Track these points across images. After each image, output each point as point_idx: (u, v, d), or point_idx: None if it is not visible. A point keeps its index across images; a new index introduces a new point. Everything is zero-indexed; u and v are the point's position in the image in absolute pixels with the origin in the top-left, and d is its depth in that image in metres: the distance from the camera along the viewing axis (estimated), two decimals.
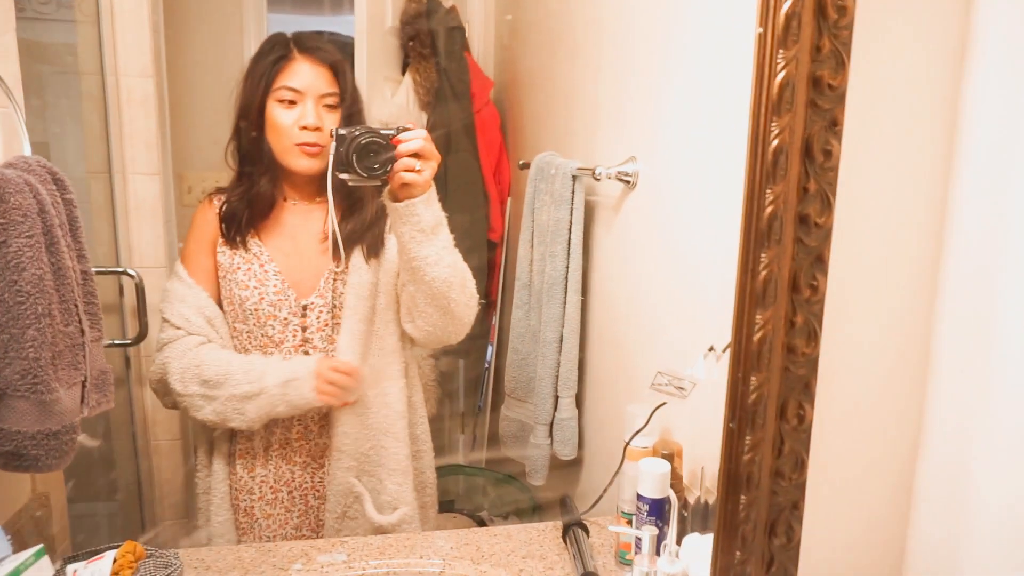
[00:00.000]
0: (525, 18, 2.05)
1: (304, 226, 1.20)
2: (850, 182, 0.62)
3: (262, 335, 1.16)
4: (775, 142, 0.56)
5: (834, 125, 0.58)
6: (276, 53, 1.14)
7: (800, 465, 0.64)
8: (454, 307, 1.12)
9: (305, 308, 1.17)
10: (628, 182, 1.22)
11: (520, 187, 1.77)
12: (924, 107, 0.69)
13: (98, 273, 1.48)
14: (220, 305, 1.18)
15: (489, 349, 2.11)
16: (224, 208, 1.18)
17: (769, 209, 0.57)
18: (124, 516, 1.61)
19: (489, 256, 2.08)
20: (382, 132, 1.00)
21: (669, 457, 0.99)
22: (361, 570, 1.02)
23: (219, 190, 1.21)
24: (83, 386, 0.84)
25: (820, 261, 0.61)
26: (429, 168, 1.03)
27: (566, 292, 1.41)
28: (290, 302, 1.16)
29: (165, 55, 1.55)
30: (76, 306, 0.83)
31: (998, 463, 0.67)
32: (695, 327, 1.01)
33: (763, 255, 0.59)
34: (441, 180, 1.16)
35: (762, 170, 0.57)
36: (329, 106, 1.15)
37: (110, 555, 0.80)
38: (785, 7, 0.53)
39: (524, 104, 2.06)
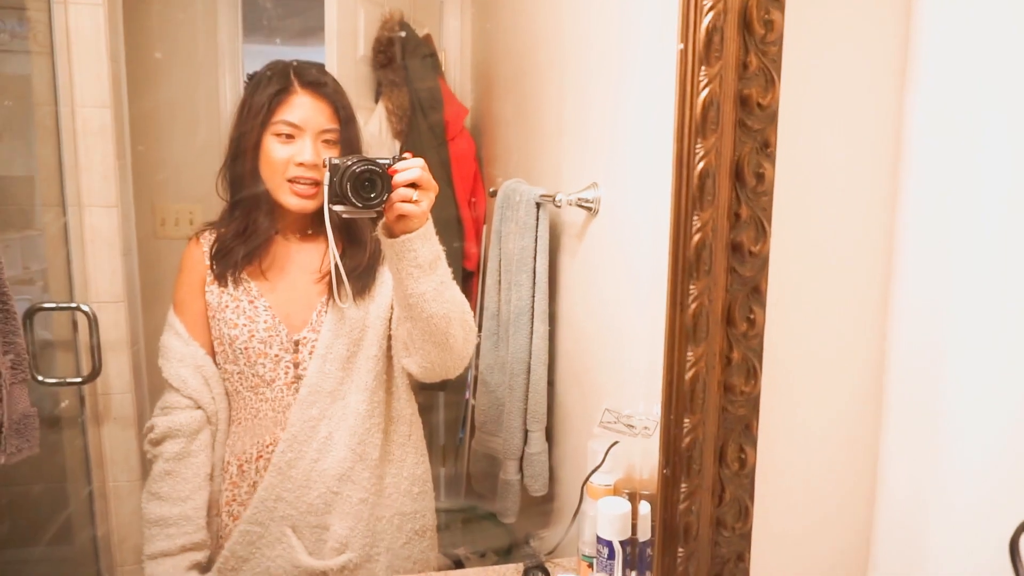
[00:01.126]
0: (497, 46, 2.05)
1: (295, 260, 1.16)
2: (787, 207, 0.59)
3: (253, 375, 1.12)
4: (701, 164, 0.52)
5: (766, 147, 0.54)
6: (277, 84, 1.11)
7: (744, 513, 0.60)
8: (453, 342, 1.07)
9: (297, 344, 1.12)
10: (590, 208, 1.19)
11: (492, 216, 1.74)
12: (865, 125, 0.66)
13: (51, 309, 1.45)
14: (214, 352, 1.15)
15: (469, 378, 2.07)
16: (216, 246, 1.14)
17: (697, 237, 0.54)
18: (80, 562, 1.54)
19: (465, 285, 2.05)
20: (378, 161, 0.96)
21: (632, 496, 0.94)
22: None
23: (207, 225, 1.17)
24: None
25: (757, 292, 0.57)
26: (427, 199, 0.98)
27: (532, 322, 1.37)
28: (281, 338, 1.12)
29: (127, 85, 1.52)
30: None
31: (958, 509, 0.63)
32: (656, 364, 0.97)
33: (692, 286, 0.55)
34: None
35: (688, 194, 0.53)
36: (328, 142, 1.11)
37: None
38: (706, 21, 0.49)
39: (497, 131, 2.04)
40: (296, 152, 1.09)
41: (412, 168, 0.97)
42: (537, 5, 1.61)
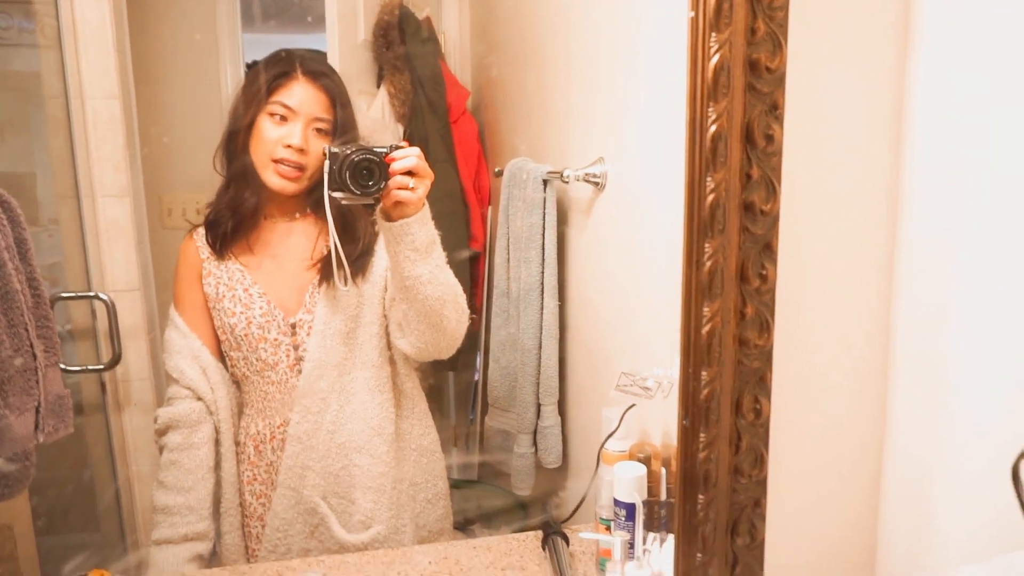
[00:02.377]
0: (498, 26, 2.05)
1: (284, 244, 1.19)
2: (796, 167, 0.61)
3: (256, 359, 1.15)
4: (713, 128, 0.54)
5: (775, 109, 0.56)
6: (280, 68, 1.14)
7: (759, 461, 0.62)
8: (447, 324, 1.10)
9: (294, 326, 1.16)
10: (597, 183, 1.21)
11: (499, 196, 1.75)
12: (869, 87, 0.68)
13: (69, 298, 1.47)
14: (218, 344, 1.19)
15: (478, 359, 2.09)
16: (210, 217, 1.17)
17: (711, 197, 0.56)
18: (106, 547, 1.58)
19: (472, 266, 2.07)
20: (375, 150, 0.99)
21: (646, 460, 0.97)
22: None
23: (207, 205, 1.20)
24: (37, 412, 0.82)
25: (768, 249, 0.59)
26: (423, 186, 1.01)
27: (543, 298, 1.39)
28: (278, 322, 1.15)
29: (133, 76, 1.54)
30: (27, 330, 0.82)
31: (963, 453, 0.65)
32: (670, 327, 0.99)
33: (707, 245, 0.57)
34: None
35: (701, 157, 0.55)
36: (319, 131, 1.14)
37: None
38: None
39: (500, 112, 2.05)
40: (286, 134, 1.12)
41: (408, 157, 1.00)
42: None
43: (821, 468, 0.74)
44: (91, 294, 1.45)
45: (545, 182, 1.35)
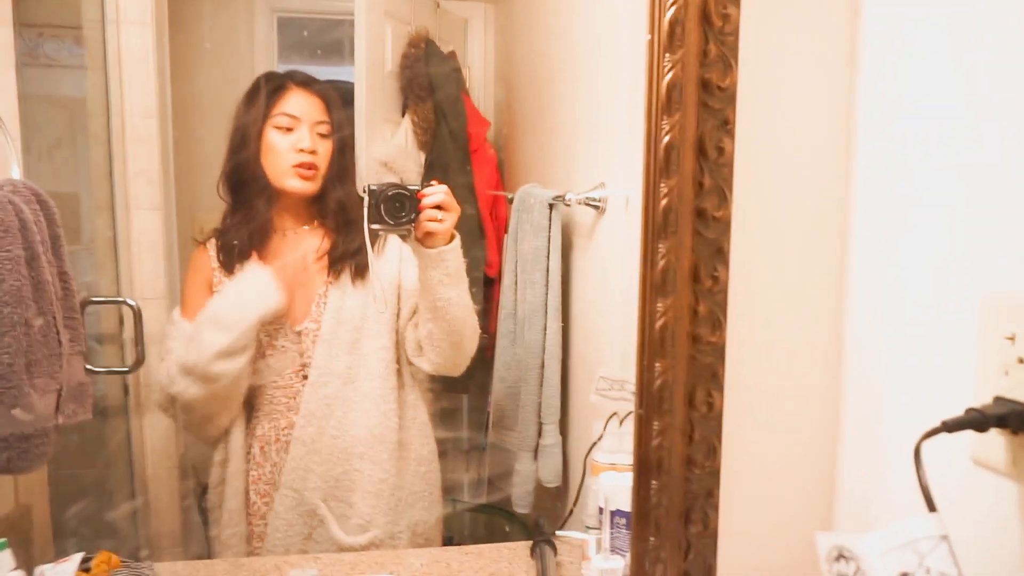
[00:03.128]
0: (517, 61, 2.14)
1: (294, 253, 1.26)
2: (747, 177, 0.65)
3: (264, 365, 1.22)
4: (666, 139, 0.60)
5: (726, 124, 0.61)
6: (273, 84, 1.24)
7: (712, 452, 0.66)
8: (466, 343, 1.22)
9: (300, 334, 1.22)
10: (597, 207, 1.26)
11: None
12: (819, 102, 0.73)
13: (100, 303, 1.56)
14: None
15: (492, 386, 2.12)
16: (221, 241, 1.24)
17: (664, 202, 0.61)
18: (121, 543, 1.63)
19: (486, 291, 2.12)
20: (409, 187, 1.12)
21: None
22: None
23: (213, 231, 1.28)
24: (58, 395, 0.89)
25: (720, 253, 0.64)
26: (450, 219, 1.14)
27: (546, 319, 1.44)
28: (285, 330, 1.22)
29: (171, 99, 1.64)
30: (55, 318, 0.88)
31: (907, 451, 0.68)
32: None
33: (660, 245, 0.61)
34: None
35: (655, 165, 0.60)
36: (321, 135, 1.24)
37: (77, 557, 0.83)
38: (669, 14, 0.57)
39: (517, 142, 2.13)
40: (296, 140, 1.21)
41: (437, 193, 1.12)
42: (553, 20, 1.69)
43: (774, 461, 0.77)
44: (120, 300, 1.53)
45: (551, 206, 1.41)
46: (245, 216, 1.24)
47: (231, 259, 1.23)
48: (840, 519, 0.78)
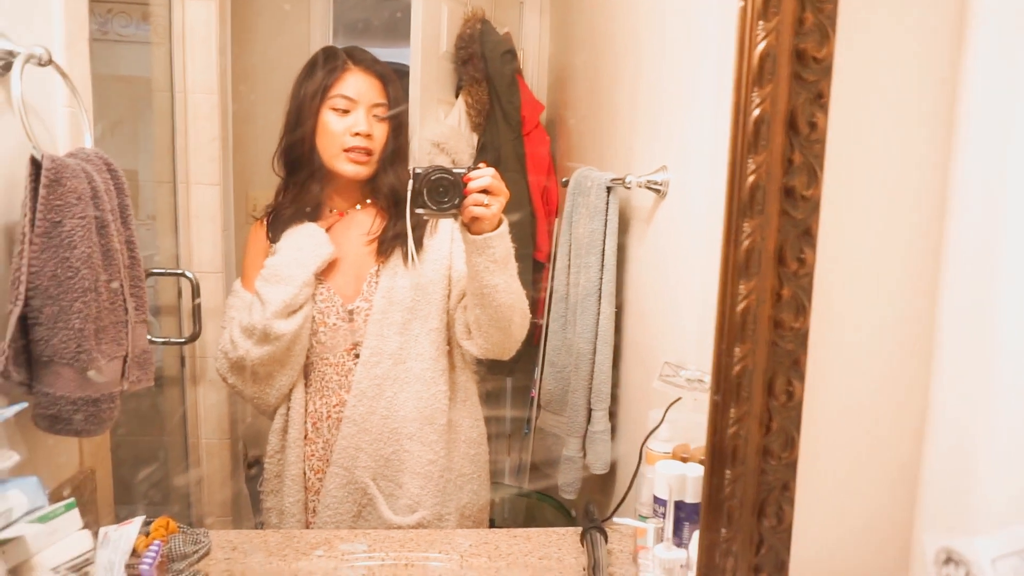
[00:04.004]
0: (574, 43, 2.10)
1: (346, 232, 1.26)
2: (840, 155, 0.62)
3: (316, 342, 1.22)
4: (756, 112, 0.57)
5: (820, 97, 0.58)
6: (331, 63, 1.22)
7: (790, 444, 0.63)
8: (514, 328, 1.19)
9: (351, 313, 1.22)
10: (659, 191, 1.23)
11: (563, 205, 1.79)
12: (921, 80, 0.68)
13: (159, 274, 1.59)
14: None
15: (536, 372, 2.12)
16: (273, 215, 1.25)
17: (751, 179, 0.58)
18: (173, 512, 1.67)
19: (535, 276, 2.11)
20: (454, 171, 1.07)
21: (687, 461, 0.98)
22: (380, 560, 1.03)
23: (267, 208, 1.28)
24: (124, 361, 0.90)
25: (808, 234, 0.60)
26: (498, 203, 1.09)
27: (599, 303, 1.41)
28: (337, 308, 1.22)
29: (232, 75, 1.66)
30: (122, 286, 0.90)
31: (1003, 447, 0.64)
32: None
33: (746, 224, 0.59)
34: None
35: (744, 140, 0.57)
36: (378, 117, 1.22)
37: (139, 520, 0.85)
38: None
39: (571, 125, 2.10)
40: (352, 123, 1.20)
41: (484, 176, 1.07)
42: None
43: (855, 455, 0.74)
44: (179, 271, 1.56)
45: (608, 189, 1.38)
46: (297, 194, 1.24)
47: (279, 231, 1.23)
48: (925, 520, 0.74)
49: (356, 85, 1.21)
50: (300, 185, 1.24)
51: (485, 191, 1.07)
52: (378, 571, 1.00)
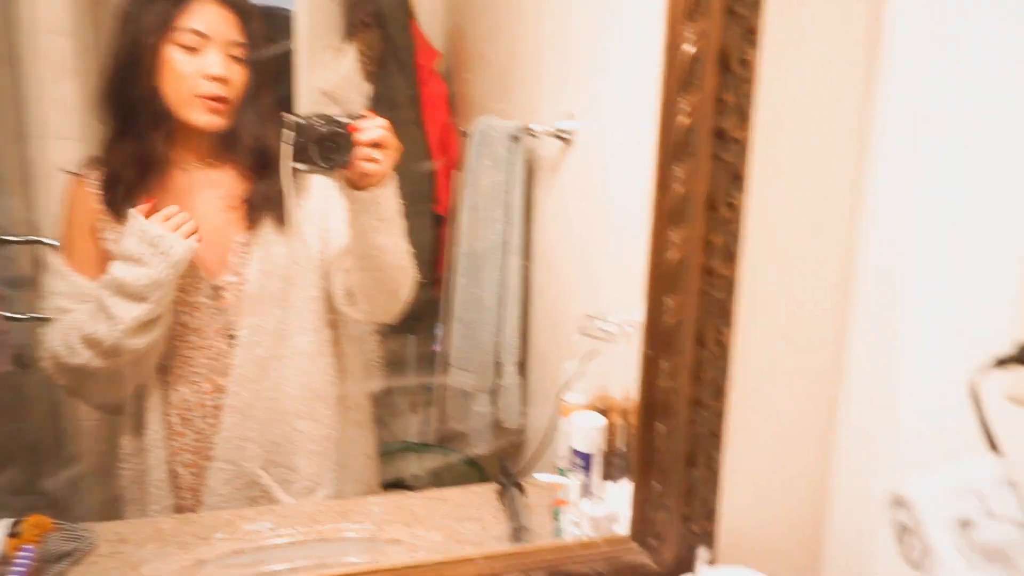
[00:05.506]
0: None
1: (201, 195, 1.09)
2: (770, 96, 0.60)
3: (178, 324, 1.07)
4: (689, 48, 0.54)
5: (751, 33, 0.56)
6: None
7: (719, 393, 0.63)
8: (401, 291, 1.11)
9: (218, 289, 1.08)
10: (566, 139, 1.20)
11: (465, 157, 1.73)
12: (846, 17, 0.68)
13: (12, 242, 1.41)
14: None
15: (439, 328, 2.07)
16: (105, 178, 1.06)
17: (684, 121, 0.55)
18: (53, 508, 1.53)
19: (435, 231, 2.05)
20: (342, 122, 0.96)
21: (605, 412, 0.98)
22: (289, 537, 0.98)
23: (90, 161, 1.08)
24: None
25: (738, 179, 0.59)
26: (389, 158, 0.99)
27: (507, 256, 1.39)
28: (201, 284, 1.07)
29: (90, 10, 1.47)
30: None
31: (923, 379, 0.67)
32: (635, 278, 0.99)
33: (677, 169, 0.56)
34: None
35: (675, 79, 0.55)
36: (235, 58, 1.05)
37: (5, 523, 0.75)
38: None
39: (470, 74, 2.02)
40: (206, 64, 1.02)
41: (374, 128, 0.97)
42: None
43: (781, 402, 0.75)
44: (34, 239, 1.39)
45: (513, 138, 1.34)
46: (134, 148, 1.05)
47: (118, 200, 1.04)
48: (844, 458, 0.77)
49: (208, 18, 1.02)
50: (138, 137, 1.05)
51: (375, 144, 0.97)
52: (291, 550, 0.95)
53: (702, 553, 0.63)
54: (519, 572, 0.70)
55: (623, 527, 0.72)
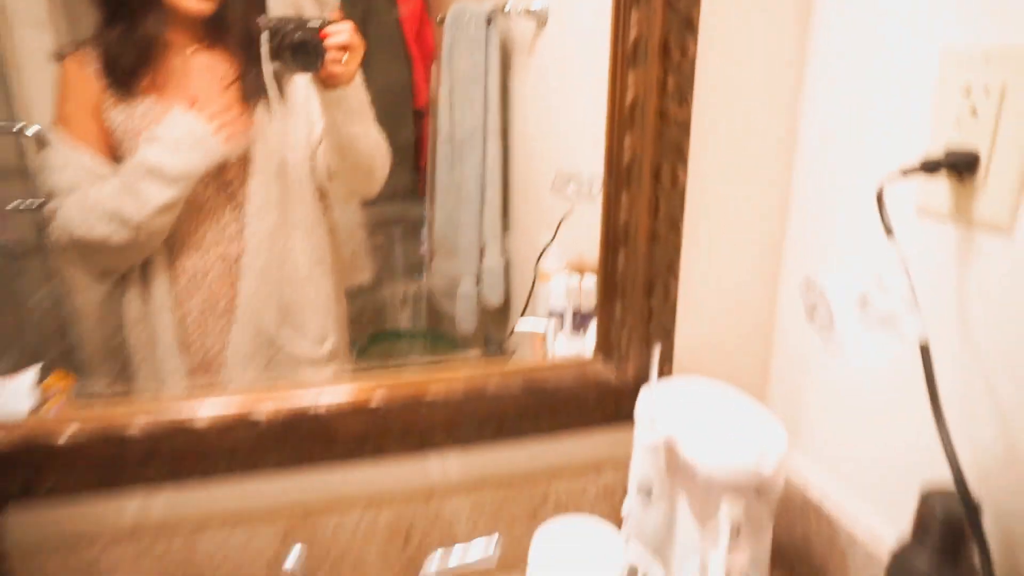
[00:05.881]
0: None
1: (196, 76, 1.15)
2: None
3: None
4: None
5: None
6: None
7: (675, 227, 0.69)
8: (376, 171, 1.22)
9: (222, 163, 1.15)
10: (538, 18, 1.21)
11: (442, 46, 1.72)
12: None
13: None
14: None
15: (424, 221, 2.11)
16: (104, 58, 1.10)
17: None
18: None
19: (416, 124, 2.05)
20: (312, 27, 1.03)
21: (581, 274, 1.05)
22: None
23: (82, 43, 1.11)
24: None
25: (690, 25, 0.64)
26: (355, 59, 1.07)
27: (486, 141, 1.42)
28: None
29: None
30: None
31: (855, 199, 0.73)
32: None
33: (633, 13, 0.61)
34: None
35: None
36: None
37: (31, 370, 0.82)
38: None
39: None
40: None
41: (342, 32, 1.04)
42: None
43: (730, 235, 0.82)
44: (15, 127, 1.39)
45: (488, 21, 1.35)
46: (127, 30, 1.09)
47: (122, 80, 1.10)
48: (788, 284, 0.85)
49: None
50: (128, 19, 1.09)
51: (342, 47, 1.05)
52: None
53: (655, 351, 0.70)
54: (498, 379, 0.79)
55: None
